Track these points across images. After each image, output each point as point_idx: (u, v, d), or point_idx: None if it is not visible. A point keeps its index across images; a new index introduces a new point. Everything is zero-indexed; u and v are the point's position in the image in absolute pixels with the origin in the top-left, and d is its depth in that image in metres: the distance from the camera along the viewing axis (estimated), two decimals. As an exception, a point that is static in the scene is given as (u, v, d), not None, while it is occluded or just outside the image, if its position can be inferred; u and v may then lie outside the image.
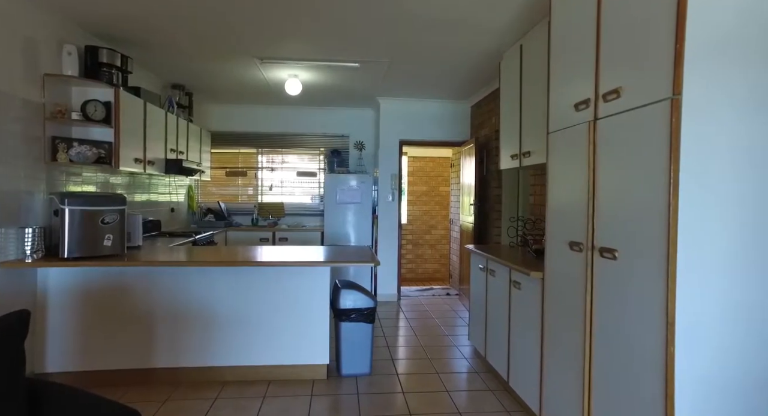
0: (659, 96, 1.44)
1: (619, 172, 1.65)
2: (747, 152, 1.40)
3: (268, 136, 5.96)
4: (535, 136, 2.81)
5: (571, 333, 1.95)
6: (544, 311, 2.21)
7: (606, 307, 1.71)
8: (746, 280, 1.41)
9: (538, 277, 2.27)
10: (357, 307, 2.92)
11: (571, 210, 1.98)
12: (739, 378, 1.41)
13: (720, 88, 1.38)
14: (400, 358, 3.43)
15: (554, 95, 2.17)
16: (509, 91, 3.30)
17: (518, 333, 2.57)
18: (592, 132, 1.82)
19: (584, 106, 1.88)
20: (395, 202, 5.40)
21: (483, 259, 3.19)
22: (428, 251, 7.36)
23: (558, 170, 2.11)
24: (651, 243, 1.46)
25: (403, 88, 4.90)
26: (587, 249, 1.84)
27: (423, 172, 7.38)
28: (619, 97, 1.65)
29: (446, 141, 5.52)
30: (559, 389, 2.07)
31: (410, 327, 4.30)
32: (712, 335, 1.40)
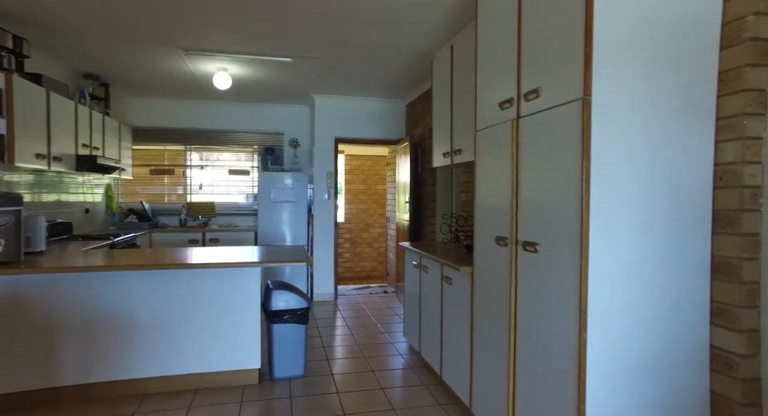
0: (572, 96, 1.51)
1: (539, 168, 1.71)
2: (648, 150, 1.51)
3: (197, 133, 5.64)
4: (465, 134, 2.87)
5: (498, 324, 2.01)
6: (473, 305, 2.27)
7: (528, 299, 1.78)
8: (645, 272, 1.52)
9: (468, 272, 2.32)
10: (290, 308, 2.83)
11: (497, 206, 2.03)
12: (638, 361, 1.52)
13: (625, 90, 1.48)
14: (335, 358, 3.38)
15: (481, 94, 2.22)
16: (441, 89, 3.36)
17: (450, 327, 2.62)
18: (515, 130, 1.88)
19: (508, 105, 1.95)
20: (331, 201, 5.33)
21: (416, 256, 3.22)
22: (366, 249, 7.36)
23: (485, 167, 2.17)
24: (567, 237, 1.53)
25: (338, 86, 4.84)
26: (512, 244, 1.90)
27: (360, 170, 7.36)
28: (539, 96, 1.71)
29: (382, 139, 5.53)
30: (486, 379, 2.13)
31: (347, 326, 4.26)
32: (617, 322, 1.49)
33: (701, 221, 1.56)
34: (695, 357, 1.56)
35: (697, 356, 1.56)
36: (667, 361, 1.53)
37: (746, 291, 1.49)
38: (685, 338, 1.55)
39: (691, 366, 1.56)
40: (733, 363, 1.51)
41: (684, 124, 1.53)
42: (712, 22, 1.55)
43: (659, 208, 1.52)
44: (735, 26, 1.52)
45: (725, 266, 1.53)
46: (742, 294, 1.49)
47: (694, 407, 1.56)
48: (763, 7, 1.48)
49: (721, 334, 1.54)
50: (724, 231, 1.53)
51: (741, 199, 1.48)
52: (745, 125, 1.48)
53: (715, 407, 1.56)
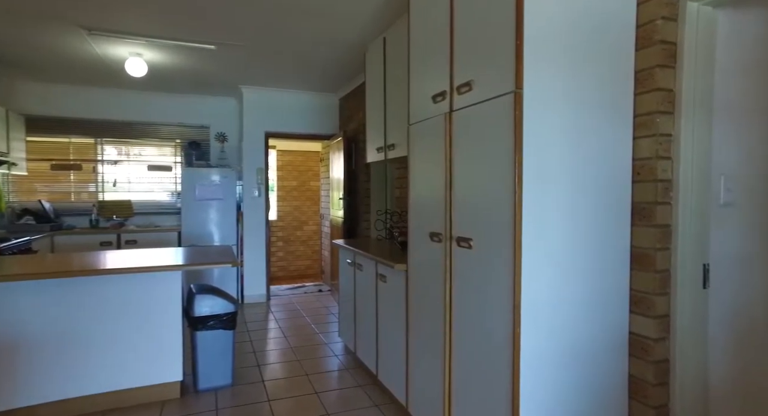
0: (504, 89, 1.51)
1: (472, 162, 1.70)
2: (577, 145, 1.54)
3: (110, 124, 5.12)
4: (399, 129, 2.84)
5: (433, 322, 1.99)
6: (409, 302, 2.23)
7: (463, 295, 1.77)
8: (574, 265, 1.56)
9: (402, 269, 2.28)
10: (215, 313, 2.63)
11: (430, 202, 2.01)
12: (567, 351, 1.56)
13: (555, 84, 1.50)
14: (267, 364, 3.21)
15: (414, 87, 2.19)
16: (374, 83, 3.30)
17: (385, 326, 2.57)
18: (448, 123, 1.86)
19: (441, 98, 1.92)
20: (262, 198, 5.10)
21: (350, 254, 3.14)
22: (300, 248, 7.17)
23: (418, 162, 2.14)
24: (501, 232, 1.53)
25: (267, 77, 4.62)
26: (446, 240, 1.88)
27: (292, 166, 7.14)
28: (471, 89, 1.70)
29: (315, 134, 5.38)
30: (422, 378, 2.10)
31: (280, 328, 4.09)
32: (549, 315, 1.52)
33: (622, 214, 1.63)
34: (616, 343, 1.64)
35: (617, 342, 1.64)
36: (594, 349, 1.59)
37: (660, 279, 1.58)
38: (609, 326, 1.62)
39: (613, 352, 1.63)
40: (648, 347, 1.60)
41: (608, 119, 1.59)
42: (628, 24, 1.63)
43: (586, 201, 1.56)
44: (647, 29, 1.60)
45: (642, 256, 1.61)
46: (656, 283, 1.58)
47: (614, 390, 1.63)
48: (669, 13, 1.57)
49: (638, 321, 1.63)
50: (641, 224, 1.61)
51: (655, 192, 1.57)
52: (657, 123, 1.56)
53: (632, 388, 1.65)
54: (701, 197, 1.59)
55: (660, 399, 1.61)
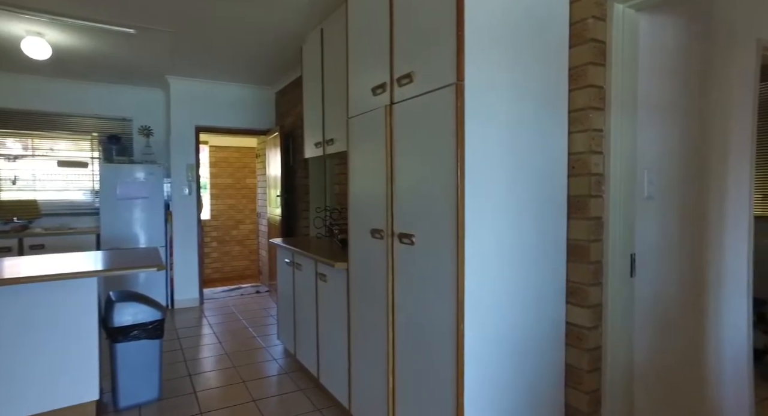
0: (446, 81, 1.48)
1: (414, 156, 1.66)
2: (517, 139, 1.55)
3: (7, 114, 4.54)
4: (338, 123, 2.75)
5: (375, 321, 1.94)
6: (350, 302, 2.16)
7: (406, 292, 1.73)
8: (515, 259, 1.57)
9: (343, 268, 2.21)
10: (139, 322, 2.40)
11: (371, 197, 1.95)
12: (510, 345, 1.57)
13: (496, 77, 1.49)
14: (200, 373, 3.00)
15: (353, 79, 2.11)
16: (312, 75, 3.18)
17: (326, 327, 2.48)
18: (388, 116, 1.81)
19: (381, 91, 1.87)
20: (193, 196, 4.78)
21: (288, 253, 3.02)
22: (236, 248, 6.84)
23: (358, 156, 2.07)
24: (443, 227, 1.51)
25: (197, 68, 4.32)
26: (387, 236, 1.83)
27: (227, 162, 6.79)
28: (412, 81, 1.66)
29: (250, 129, 5.13)
30: (365, 379, 2.05)
31: (214, 333, 3.85)
32: (493, 309, 1.52)
33: (559, 207, 1.67)
34: (555, 333, 1.67)
35: (556, 333, 1.68)
36: (534, 341, 1.62)
37: (593, 270, 1.64)
38: (548, 317, 1.65)
39: (551, 342, 1.66)
40: (582, 336, 1.65)
41: (546, 114, 1.61)
42: (562, 22, 1.66)
43: (526, 195, 1.58)
44: (579, 27, 1.65)
45: (577, 248, 1.66)
46: (590, 273, 1.63)
47: (552, 379, 1.67)
48: (598, 13, 1.63)
49: (574, 311, 1.68)
50: (577, 216, 1.66)
51: (589, 186, 1.62)
52: (590, 118, 1.61)
53: (568, 376, 1.70)
54: (629, 190, 1.67)
55: (593, 385, 1.67)
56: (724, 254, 2.11)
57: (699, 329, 2.01)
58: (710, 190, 2.03)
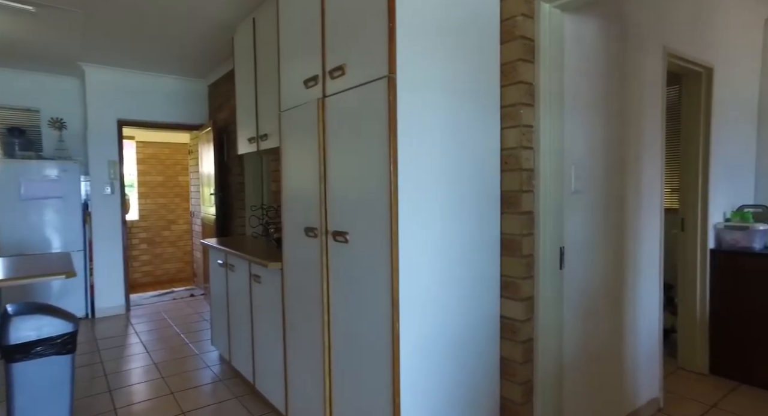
0: (377, 74, 1.43)
1: (347, 152, 1.60)
2: (452, 134, 1.54)
3: None
4: (272, 118, 2.63)
5: (311, 322, 1.86)
6: (285, 303, 2.07)
7: (341, 292, 1.67)
8: (451, 255, 1.56)
9: (277, 268, 2.11)
10: (44, 337, 2.15)
11: (304, 194, 1.87)
12: (447, 342, 1.56)
13: (429, 71, 1.47)
14: (122, 387, 2.77)
15: (285, 71, 2.01)
16: (244, 67, 3.03)
17: (262, 330, 2.37)
18: (321, 110, 1.74)
19: (313, 83, 1.79)
20: (116, 195, 4.41)
21: (221, 254, 2.85)
22: (169, 249, 6.44)
23: (291, 152, 1.98)
24: (376, 224, 1.46)
25: (119, 56, 3.98)
26: (321, 234, 1.76)
27: (157, 159, 6.37)
28: (344, 74, 1.60)
29: (181, 124, 4.83)
30: (302, 383, 1.97)
31: (141, 342, 3.58)
32: (429, 307, 1.49)
33: (493, 202, 1.68)
34: (490, 328, 1.69)
35: (491, 327, 1.69)
36: (471, 336, 1.62)
37: (525, 263, 1.66)
38: (484, 312, 1.66)
39: (487, 336, 1.68)
40: (516, 329, 1.68)
41: (479, 110, 1.61)
42: (493, 18, 1.67)
43: (461, 191, 1.57)
44: (509, 24, 1.66)
45: (510, 243, 1.68)
46: (523, 267, 1.66)
47: (488, 373, 1.69)
48: (527, 10, 1.65)
49: (508, 304, 1.70)
50: (509, 211, 1.68)
51: (520, 181, 1.64)
52: (521, 114, 1.63)
53: (503, 369, 1.72)
54: (558, 185, 1.71)
55: (526, 376, 1.70)
56: (640, 244, 2.25)
57: (619, 314, 2.13)
58: (629, 185, 2.15)
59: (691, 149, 2.75)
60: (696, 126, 2.72)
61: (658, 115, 2.32)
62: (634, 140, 2.16)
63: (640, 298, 2.26)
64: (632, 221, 2.17)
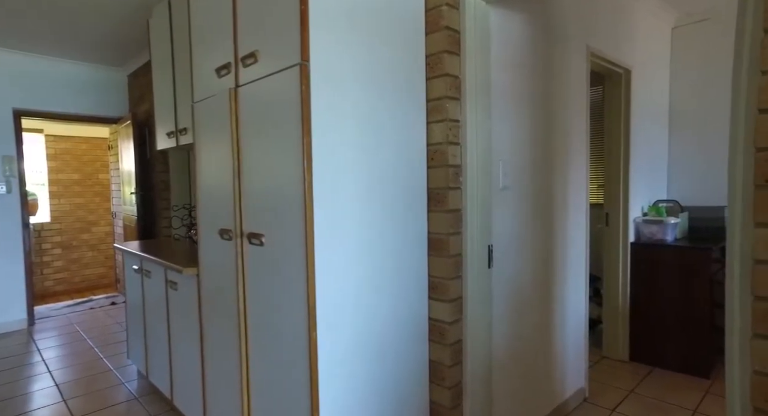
0: (290, 61, 1.31)
1: (261, 146, 1.47)
2: (373, 128, 1.44)
3: None
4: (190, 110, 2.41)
5: (228, 332, 1.71)
6: (202, 312, 1.89)
7: (257, 299, 1.53)
8: (374, 256, 1.47)
9: (193, 274, 1.92)
10: None
11: (219, 193, 1.71)
12: (371, 348, 1.47)
13: (347, 60, 1.36)
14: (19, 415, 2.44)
15: (197, 58, 1.83)
16: (161, 55, 2.77)
17: (179, 342, 2.17)
18: (233, 101, 1.58)
19: (226, 72, 1.63)
20: (15, 195, 3.94)
21: (136, 259, 2.60)
22: (88, 253, 5.90)
23: (205, 146, 1.80)
24: (291, 225, 1.34)
25: (13, 37, 3.53)
26: (236, 237, 1.61)
27: (72, 155, 5.80)
28: (257, 61, 1.46)
29: (96, 116, 4.40)
30: (220, 396, 1.81)
31: (43, 361, 3.20)
32: (350, 313, 1.40)
33: (420, 200, 1.61)
34: (418, 331, 1.62)
35: (419, 330, 1.63)
36: (397, 340, 1.54)
37: (453, 263, 1.61)
38: (411, 315, 1.59)
39: (415, 340, 1.61)
40: (444, 331, 1.63)
41: (403, 103, 1.53)
42: (418, 8, 1.60)
43: (384, 188, 1.48)
44: (434, 14, 1.60)
45: (438, 242, 1.62)
46: (450, 267, 1.60)
47: (416, 377, 1.62)
48: (452, 1, 1.60)
49: (436, 306, 1.64)
50: (436, 209, 1.62)
51: (447, 177, 1.59)
52: (447, 108, 1.58)
53: (432, 373, 1.67)
54: (485, 181, 1.68)
55: (455, 379, 1.65)
56: (568, 239, 2.29)
57: (548, 309, 2.15)
58: (556, 181, 2.17)
59: (614, 147, 2.85)
60: (618, 125, 2.83)
61: (583, 113, 2.38)
62: (561, 136, 2.19)
63: (568, 292, 2.30)
64: (560, 217, 2.20)
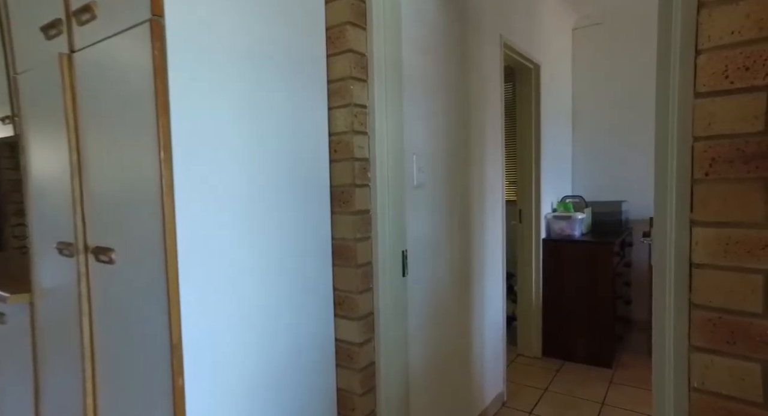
0: (137, 17, 0.96)
1: (105, 132, 1.10)
2: (255, 112, 1.14)
3: None
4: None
5: (70, 375, 1.30)
6: (37, 353, 1.45)
7: (108, 333, 1.16)
8: (262, 272, 1.18)
9: (24, 301, 1.46)
10: None
11: (55, 196, 1.29)
12: (259, 383, 1.18)
13: (224, 20, 1.05)
14: None
15: (17, 13, 1.38)
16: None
17: (7, 394, 1.67)
18: (68, 71, 1.18)
19: (55, 32, 1.22)
20: None
21: (-42, 281, 2.00)
22: None
23: (34, 133, 1.36)
24: (147, 238, 1.00)
25: None
26: (79, 252, 1.21)
27: None
28: (95, 17, 1.08)
29: None
30: (68, 461, 1.39)
31: None
32: (228, 345, 1.09)
33: (321, 200, 1.34)
34: (322, 356, 1.36)
35: (324, 354, 1.36)
36: (298, 371, 1.26)
37: (362, 274, 1.37)
38: (315, 339, 1.32)
39: (319, 367, 1.34)
40: (353, 354, 1.38)
41: (298, 82, 1.25)
42: (317, -30, 1.33)
43: (276, 186, 1.19)
44: (337, -20, 1.34)
45: (343, 249, 1.37)
46: (359, 278, 1.36)
47: (321, 410, 1.36)
48: (361, -30, 1.35)
49: (343, 325, 1.39)
50: (341, 211, 1.37)
51: (352, 173, 1.34)
52: (352, 90, 1.32)
53: (341, 403, 1.42)
54: (398, 178, 1.46)
55: (368, 407, 1.42)
56: (485, 238, 2.17)
57: (467, 314, 2.01)
58: (473, 177, 2.04)
59: (526, 142, 2.83)
60: (529, 120, 2.81)
61: (498, 104, 2.28)
62: (477, 129, 2.06)
63: (487, 294, 2.19)
64: (477, 215, 2.07)
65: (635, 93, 3.27)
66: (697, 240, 0.84)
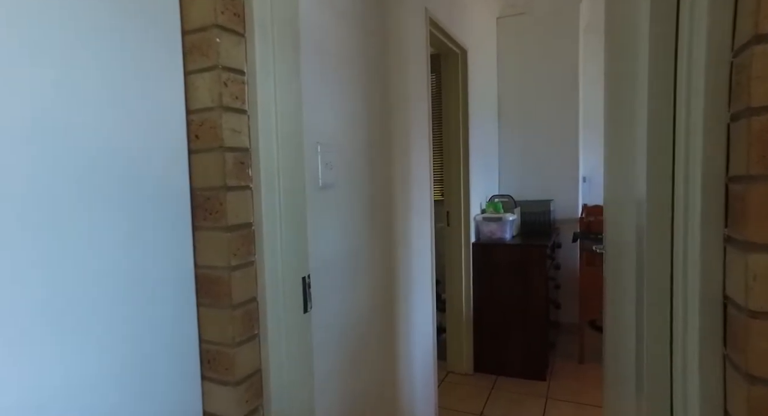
0: None
1: None
2: (62, 77, 0.66)
3: None
4: None
5: None
6: None
7: None
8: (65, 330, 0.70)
9: None
10: None
11: None
12: None
13: None
14: None
15: None
16: None
17: None
18: None
19: None
20: None
21: None
22: None
23: None
24: None
25: None
26: None
27: None
28: None
29: None
30: None
31: None
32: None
33: (178, 210, 0.88)
34: (181, 443, 0.91)
35: (184, 440, 0.91)
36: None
37: (241, 316, 0.94)
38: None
39: (174, 463, 0.89)
40: (236, 431, 0.95)
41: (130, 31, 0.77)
42: None
43: (96, 193, 0.71)
44: None
45: (212, 282, 0.93)
46: (237, 324, 0.93)
47: None
48: None
49: (215, 393, 0.95)
50: (207, 225, 0.92)
51: (224, 169, 0.90)
52: (218, 45, 0.88)
53: None
54: (295, 176, 1.04)
55: None
56: (411, 246, 1.83)
57: (393, 343, 1.65)
58: (397, 174, 1.68)
59: (453, 136, 2.55)
60: (456, 111, 2.53)
61: (425, 87, 1.95)
62: (401, 115, 1.71)
63: (415, 312, 1.85)
64: (402, 219, 1.72)
65: (558, 86, 3.14)
66: (756, 274, 0.53)
